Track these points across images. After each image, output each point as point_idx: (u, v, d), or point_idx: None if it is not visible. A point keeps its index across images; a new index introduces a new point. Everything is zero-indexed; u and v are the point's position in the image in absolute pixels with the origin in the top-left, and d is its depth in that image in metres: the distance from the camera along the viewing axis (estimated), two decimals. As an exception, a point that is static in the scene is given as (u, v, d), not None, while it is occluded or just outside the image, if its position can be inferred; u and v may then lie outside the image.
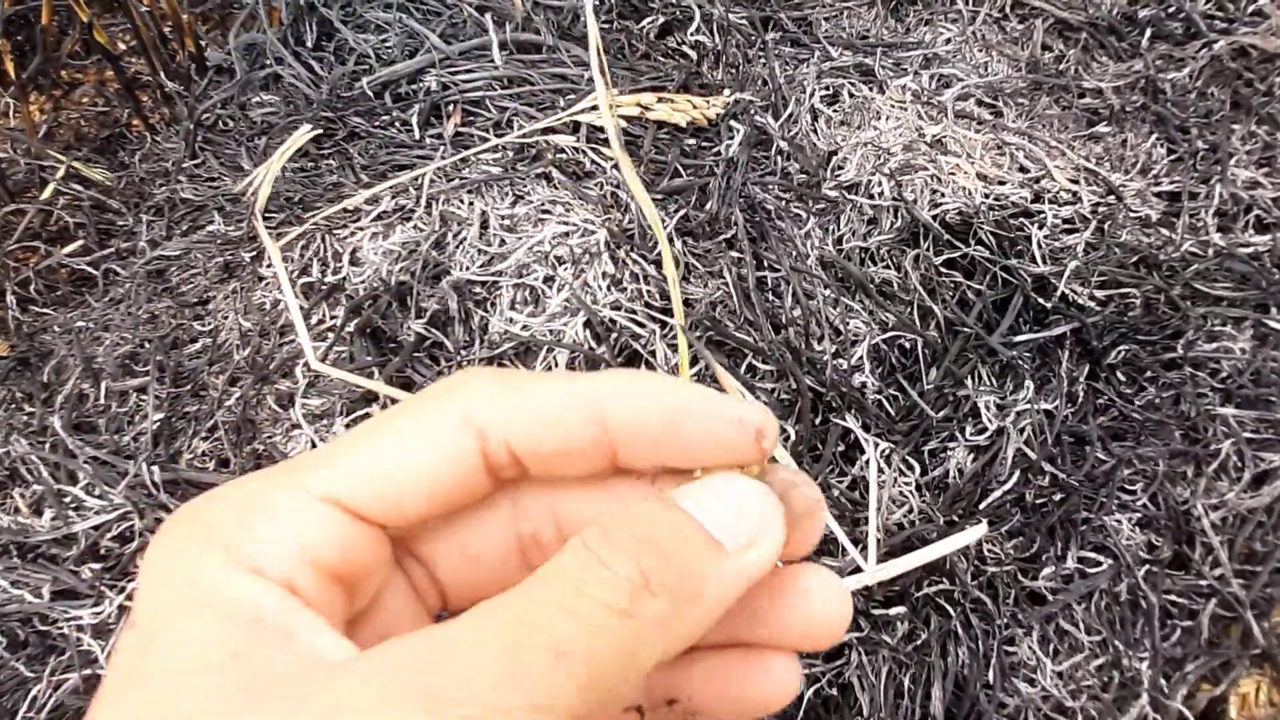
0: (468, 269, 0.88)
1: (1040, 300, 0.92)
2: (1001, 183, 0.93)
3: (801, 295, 0.86)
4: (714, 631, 0.25)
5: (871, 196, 0.92)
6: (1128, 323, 0.96)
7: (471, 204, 0.91)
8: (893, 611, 0.85)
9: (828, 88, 0.99)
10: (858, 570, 0.83)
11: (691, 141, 0.93)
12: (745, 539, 0.23)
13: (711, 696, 0.26)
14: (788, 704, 0.25)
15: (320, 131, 0.96)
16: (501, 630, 0.20)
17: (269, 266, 0.95)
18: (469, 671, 0.19)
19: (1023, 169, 0.95)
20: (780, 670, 0.25)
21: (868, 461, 0.86)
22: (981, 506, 0.89)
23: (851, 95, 0.99)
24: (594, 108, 0.92)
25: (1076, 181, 0.95)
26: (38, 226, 1.28)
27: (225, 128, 1.08)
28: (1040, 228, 0.92)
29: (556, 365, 0.85)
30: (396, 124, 0.96)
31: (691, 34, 1.03)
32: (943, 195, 0.92)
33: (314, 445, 0.89)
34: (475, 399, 0.24)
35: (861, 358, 0.87)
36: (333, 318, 0.93)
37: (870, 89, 0.99)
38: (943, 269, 0.91)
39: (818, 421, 0.87)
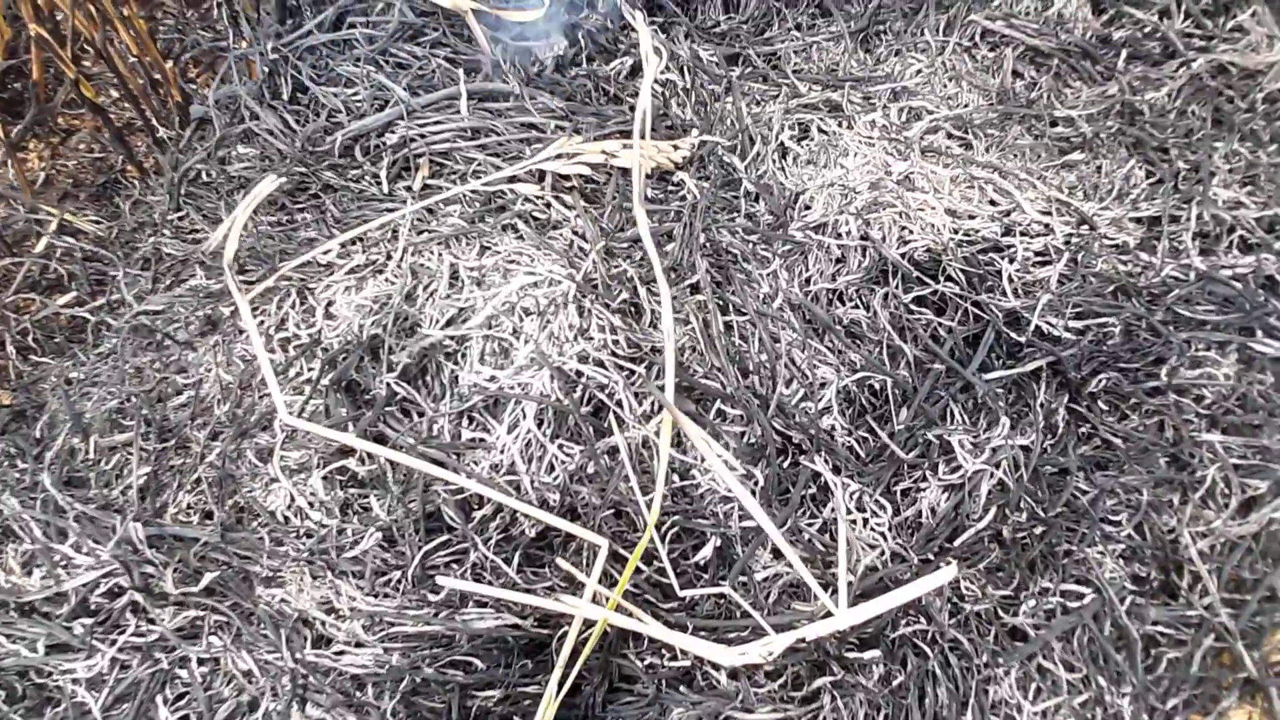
0: (437, 323, 0.89)
1: (1013, 335, 0.91)
2: (971, 217, 0.92)
3: (768, 339, 0.86)
4: None
5: (839, 236, 0.91)
6: (1107, 351, 0.95)
7: (440, 256, 0.91)
8: (867, 655, 0.84)
9: (795, 125, 0.99)
10: (829, 615, 0.83)
11: (657, 188, 0.93)
12: None
13: None
14: None
15: (292, 184, 0.97)
16: None
17: (247, 321, 0.96)
18: None
19: (992, 202, 0.94)
20: None
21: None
22: (956, 544, 0.89)
23: (821, 131, 0.99)
24: (559, 156, 0.92)
25: (1048, 213, 0.94)
26: (36, 276, 1.31)
27: (208, 180, 1.10)
28: (1011, 262, 0.91)
29: (525, 417, 0.86)
30: (368, 177, 0.97)
31: (660, 72, 1.03)
32: (911, 232, 0.91)
33: (292, 499, 0.91)
34: None
35: (830, 400, 0.86)
36: (309, 369, 0.94)
37: (839, 124, 0.99)
38: (912, 307, 0.91)
39: (787, 465, 0.87)
